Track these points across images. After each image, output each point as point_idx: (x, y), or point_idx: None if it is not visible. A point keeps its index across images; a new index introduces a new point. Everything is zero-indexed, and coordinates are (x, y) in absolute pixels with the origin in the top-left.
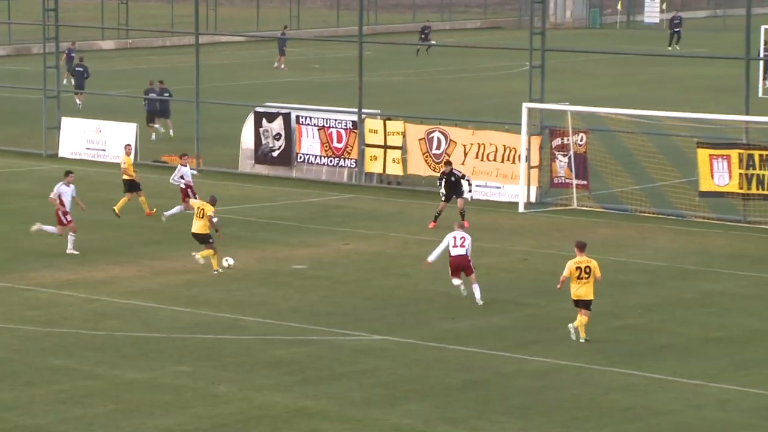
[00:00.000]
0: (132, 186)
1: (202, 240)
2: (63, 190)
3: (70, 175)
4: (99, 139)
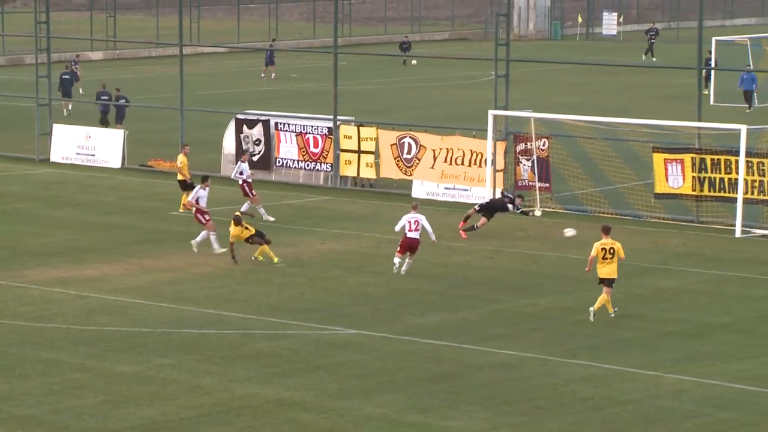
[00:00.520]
0: (185, 186)
1: (260, 237)
2: (201, 194)
3: (207, 180)
4: (88, 145)
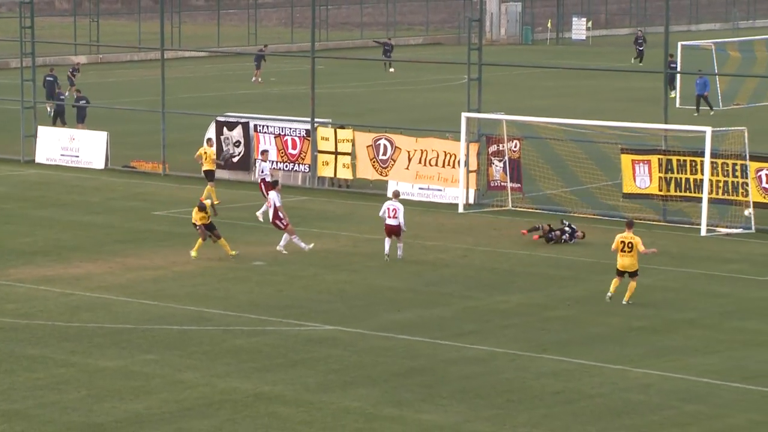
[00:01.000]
0: (209, 175)
1: (210, 228)
2: (275, 197)
3: (279, 185)
4: (72, 147)
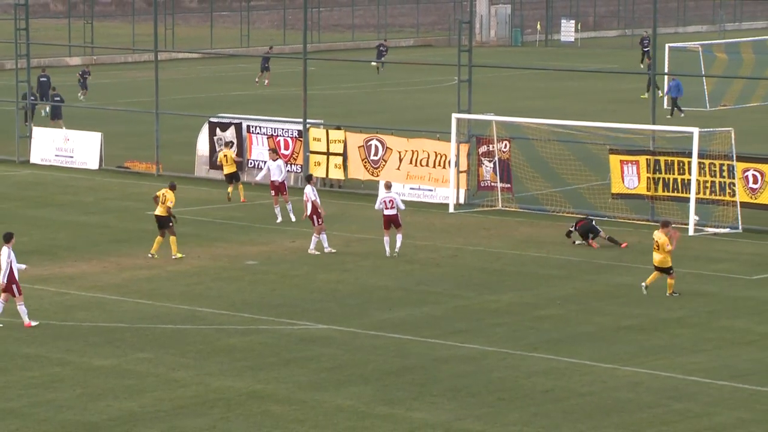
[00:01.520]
0: (234, 177)
1: (163, 223)
2: (309, 190)
3: (313, 178)
4: (67, 147)
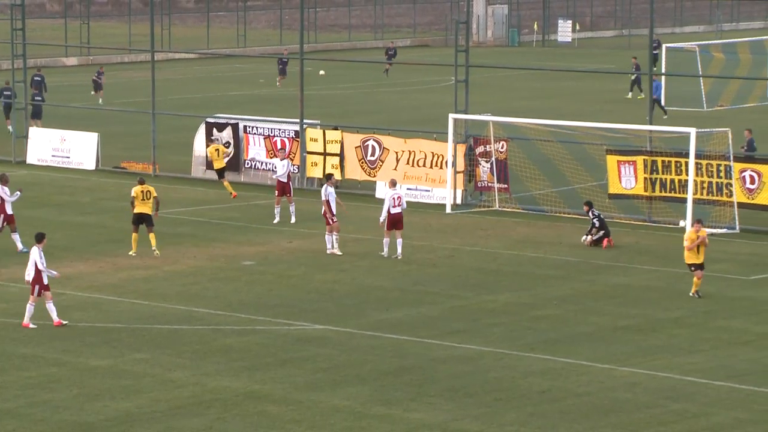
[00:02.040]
0: (223, 172)
1: (146, 220)
2: (330, 191)
3: (332, 178)
4: (63, 147)
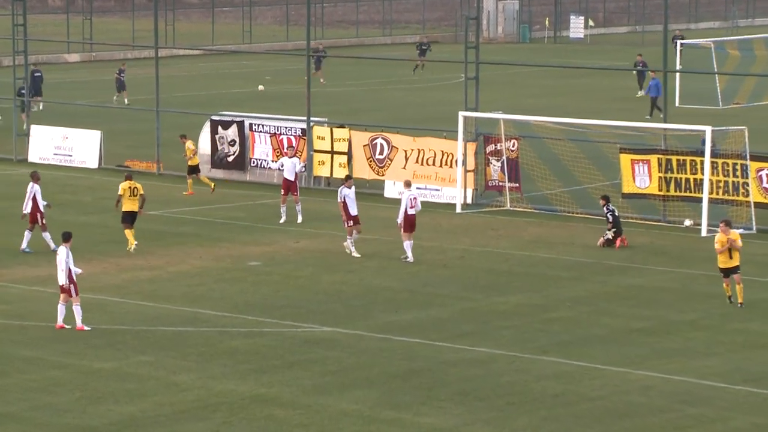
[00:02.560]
0: (194, 170)
1: (133, 219)
2: (347, 192)
3: (351, 179)
4: (66, 145)
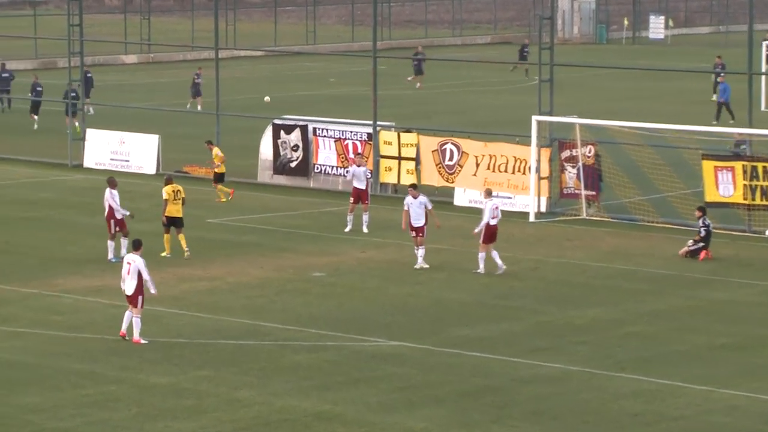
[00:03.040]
0: (219, 178)
1: (180, 224)
2: (410, 201)
3: (413, 189)
4: (123, 150)
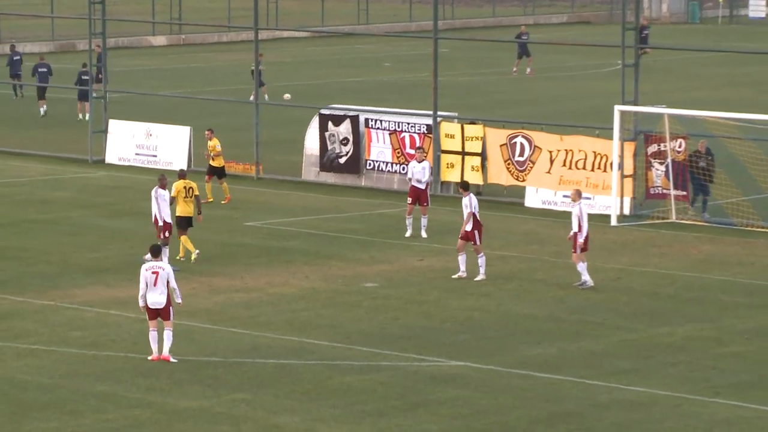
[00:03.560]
0: (213, 171)
1: (189, 224)
2: (467, 203)
3: (463, 189)
4: (149, 144)
